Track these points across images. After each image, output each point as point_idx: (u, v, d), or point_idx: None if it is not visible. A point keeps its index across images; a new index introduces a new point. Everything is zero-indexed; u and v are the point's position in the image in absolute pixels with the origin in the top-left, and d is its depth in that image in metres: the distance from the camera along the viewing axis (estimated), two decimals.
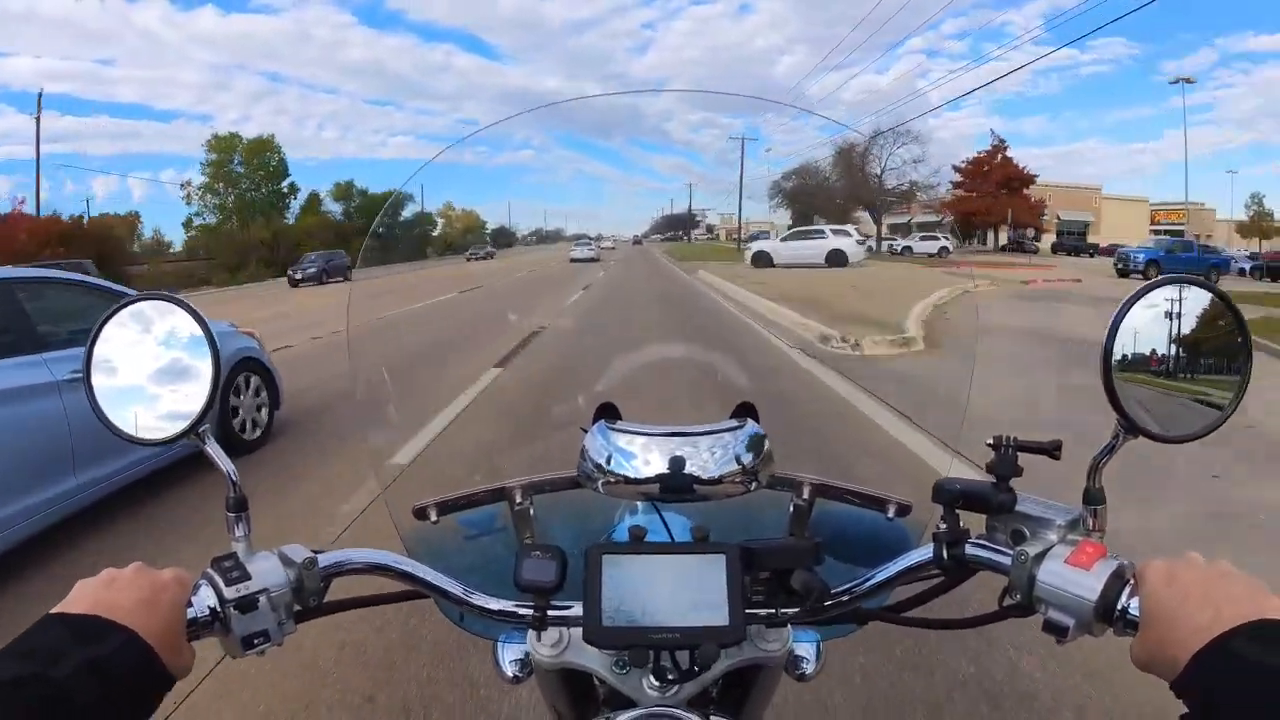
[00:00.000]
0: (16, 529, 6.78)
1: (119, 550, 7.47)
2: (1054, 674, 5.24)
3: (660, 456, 1.56)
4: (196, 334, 1.49)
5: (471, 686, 5.16)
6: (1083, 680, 5.20)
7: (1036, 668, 5.29)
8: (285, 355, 18.52)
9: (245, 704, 5.09)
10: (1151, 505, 8.00)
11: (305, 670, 5.41)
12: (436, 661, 5.48)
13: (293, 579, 1.40)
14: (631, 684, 1.51)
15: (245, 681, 5.23)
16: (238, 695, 5.12)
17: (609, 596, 1.39)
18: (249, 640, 1.34)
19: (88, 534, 7.87)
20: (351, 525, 7.96)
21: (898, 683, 5.15)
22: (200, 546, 7.13)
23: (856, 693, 5.01)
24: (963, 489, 1.44)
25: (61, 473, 7.23)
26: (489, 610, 1.52)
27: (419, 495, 1.82)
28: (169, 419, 1.48)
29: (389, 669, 5.45)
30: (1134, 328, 1.47)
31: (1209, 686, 1.09)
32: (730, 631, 1.37)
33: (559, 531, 1.83)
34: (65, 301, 8.61)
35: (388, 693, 5.23)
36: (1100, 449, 1.43)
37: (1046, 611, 1.29)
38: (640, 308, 7.85)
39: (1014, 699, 5.02)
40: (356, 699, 5.17)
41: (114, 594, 1.21)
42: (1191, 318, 1.50)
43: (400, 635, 5.81)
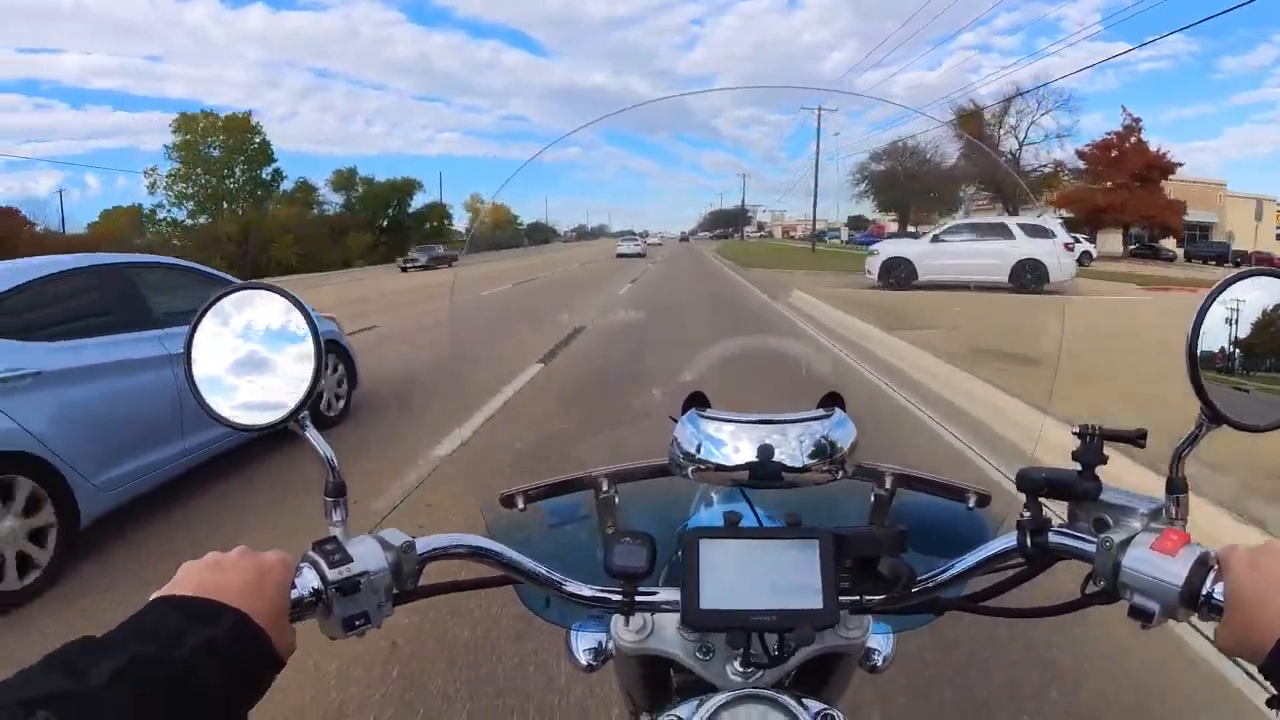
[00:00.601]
0: (131, 485, 6.86)
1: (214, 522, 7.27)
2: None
3: (749, 444, 1.43)
4: (299, 323, 1.37)
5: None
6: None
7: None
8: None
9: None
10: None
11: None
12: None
13: (392, 562, 1.27)
14: (714, 670, 1.38)
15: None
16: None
17: (706, 579, 1.27)
18: (350, 622, 1.21)
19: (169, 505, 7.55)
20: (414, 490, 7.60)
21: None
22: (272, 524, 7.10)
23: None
24: (1048, 477, 1.30)
25: (172, 437, 7.28)
26: (581, 596, 1.39)
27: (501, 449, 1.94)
28: (269, 405, 1.36)
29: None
30: (1221, 319, 1.30)
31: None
32: (825, 615, 1.25)
33: (638, 520, 1.69)
34: (173, 283, 8.60)
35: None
36: (1183, 439, 1.29)
37: (1132, 597, 1.17)
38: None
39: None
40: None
41: (221, 576, 1.09)
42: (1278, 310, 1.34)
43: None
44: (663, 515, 1.72)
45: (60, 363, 6.40)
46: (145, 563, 6.16)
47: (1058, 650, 4.61)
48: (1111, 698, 4.23)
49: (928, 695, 4.14)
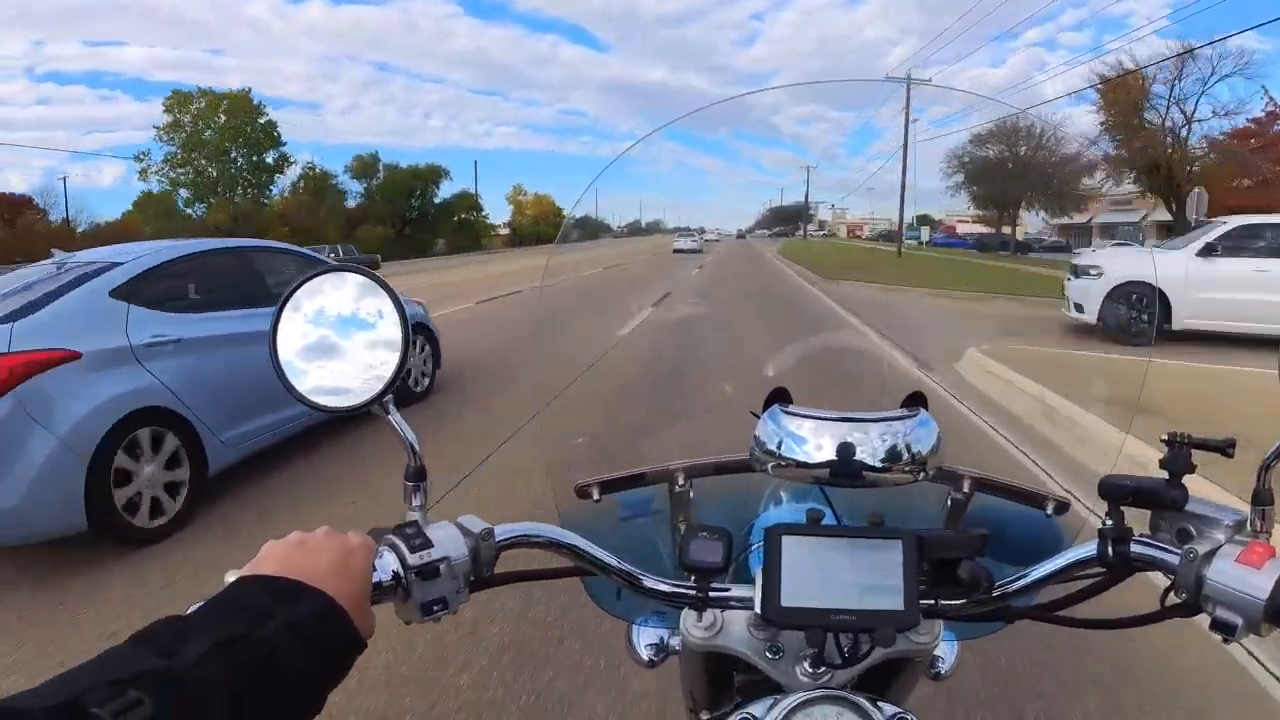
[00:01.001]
0: (250, 443, 7.13)
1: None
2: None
3: (831, 442, 1.26)
4: (386, 306, 1.23)
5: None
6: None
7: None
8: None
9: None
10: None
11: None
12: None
13: (470, 549, 1.14)
14: (783, 670, 1.23)
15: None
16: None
17: (788, 576, 1.12)
18: (428, 606, 1.09)
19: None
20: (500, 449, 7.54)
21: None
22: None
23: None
24: (1134, 485, 1.13)
25: (283, 405, 7.26)
26: (658, 591, 1.24)
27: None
28: (352, 388, 1.23)
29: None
30: None
31: None
32: (906, 617, 1.11)
33: (707, 515, 1.52)
34: (283, 265, 8.68)
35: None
36: (1271, 451, 1.12)
37: (1214, 610, 1.03)
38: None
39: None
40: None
41: (306, 556, 0.99)
42: None
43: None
44: (732, 511, 1.53)
45: (195, 332, 6.65)
46: (264, 520, 6.25)
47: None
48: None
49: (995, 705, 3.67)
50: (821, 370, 1.61)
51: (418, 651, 4.17)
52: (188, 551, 5.72)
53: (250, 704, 0.79)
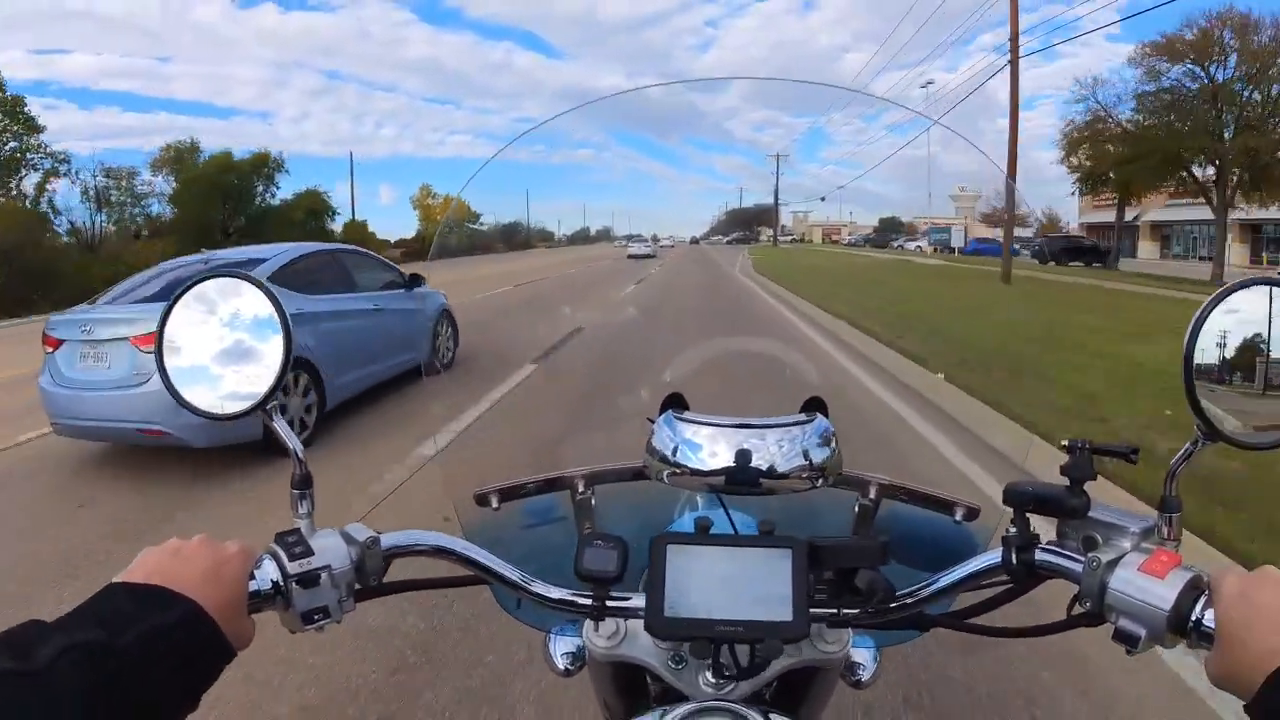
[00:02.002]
0: (350, 388, 7.31)
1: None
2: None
3: (727, 448, 0.94)
4: (270, 313, 0.91)
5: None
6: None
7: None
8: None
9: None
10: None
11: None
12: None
13: (355, 557, 0.86)
14: (687, 679, 0.91)
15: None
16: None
17: (672, 587, 0.83)
18: (309, 615, 0.82)
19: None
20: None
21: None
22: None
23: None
24: (1035, 492, 0.85)
25: (371, 360, 7.54)
26: (549, 599, 0.92)
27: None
28: (238, 394, 0.90)
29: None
30: (1218, 330, 0.85)
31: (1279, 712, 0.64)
32: (794, 627, 0.82)
33: (617, 523, 1.13)
34: (361, 262, 8.53)
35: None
36: (1177, 455, 0.84)
37: (1117, 620, 0.77)
38: None
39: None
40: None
41: (179, 564, 0.77)
42: (1275, 321, 0.85)
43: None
44: (645, 518, 1.14)
45: (314, 308, 6.90)
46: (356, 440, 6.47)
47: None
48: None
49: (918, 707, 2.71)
50: (721, 375, 1.22)
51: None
52: (314, 455, 5.99)
53: (105, 708, 0.63)
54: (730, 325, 5.89)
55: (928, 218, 50.86)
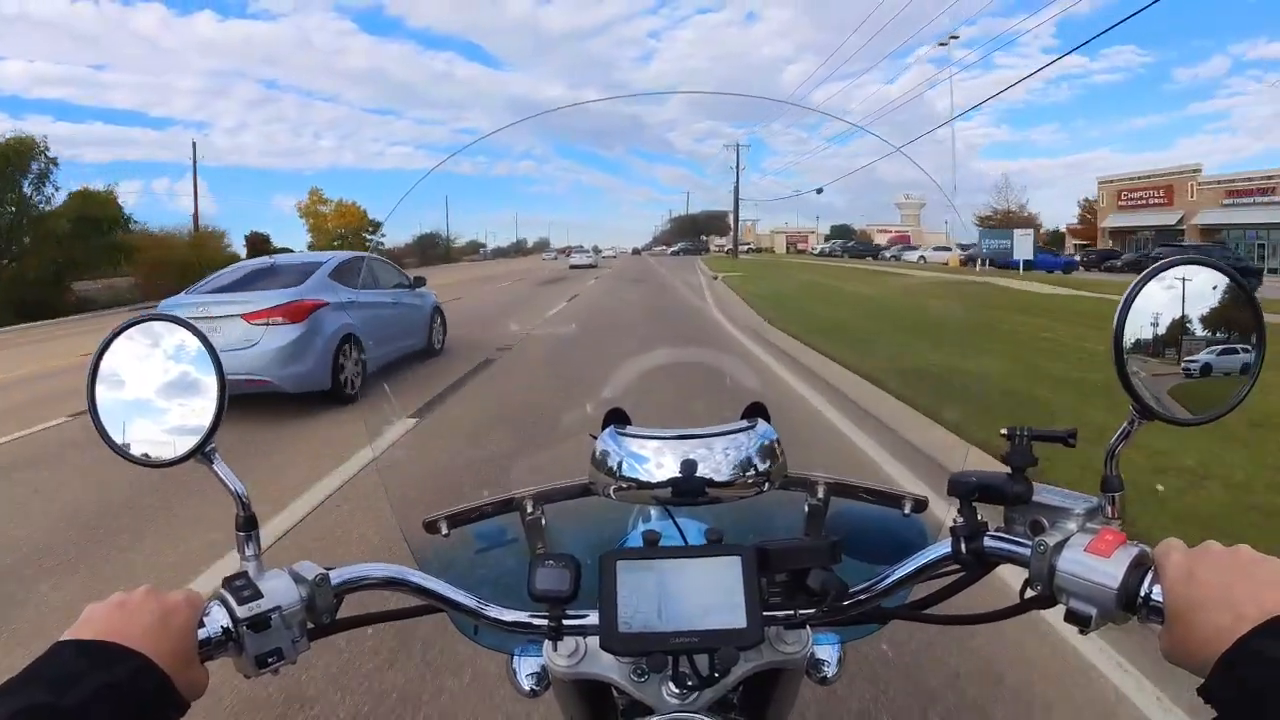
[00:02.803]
0: (381, 358, 7.30)
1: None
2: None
3: (672, 460, 0.76)
4: (202, 354, 0.71)
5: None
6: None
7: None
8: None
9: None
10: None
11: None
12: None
13: (305, 596, 0.67)
14: (650, 692, 0.73)
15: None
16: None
17: (624, 602, 0.67)
18: (262, 659, 0.64)
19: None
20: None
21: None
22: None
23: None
24: (978, 481, 0.70)
25: (389, 341, 7.46)
26: (504, 622, 0.74)
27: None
28: (175, 439, 0.71)
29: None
30: (1146, 311, 0.69)
31: (1235, 692, 0.48)
32: (748, 634, 0.65)
33: (572, 541, 0.92)
34: (382, 266, 8.41)
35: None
36: (1115, 435, 0.69)
37: (1068, 601, 0.63)
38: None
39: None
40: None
41: (125, 618, 0.59)
42: (1204, 299, 0.70)
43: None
44: (599, 534, 0.94)
45: (357, 298, 7.13)
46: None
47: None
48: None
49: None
50: (661, 388, 0.98)
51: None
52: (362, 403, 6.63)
53: None
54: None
55: (883, 225, 43.04)
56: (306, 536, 3.48)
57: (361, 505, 3.79)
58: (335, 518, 3.71)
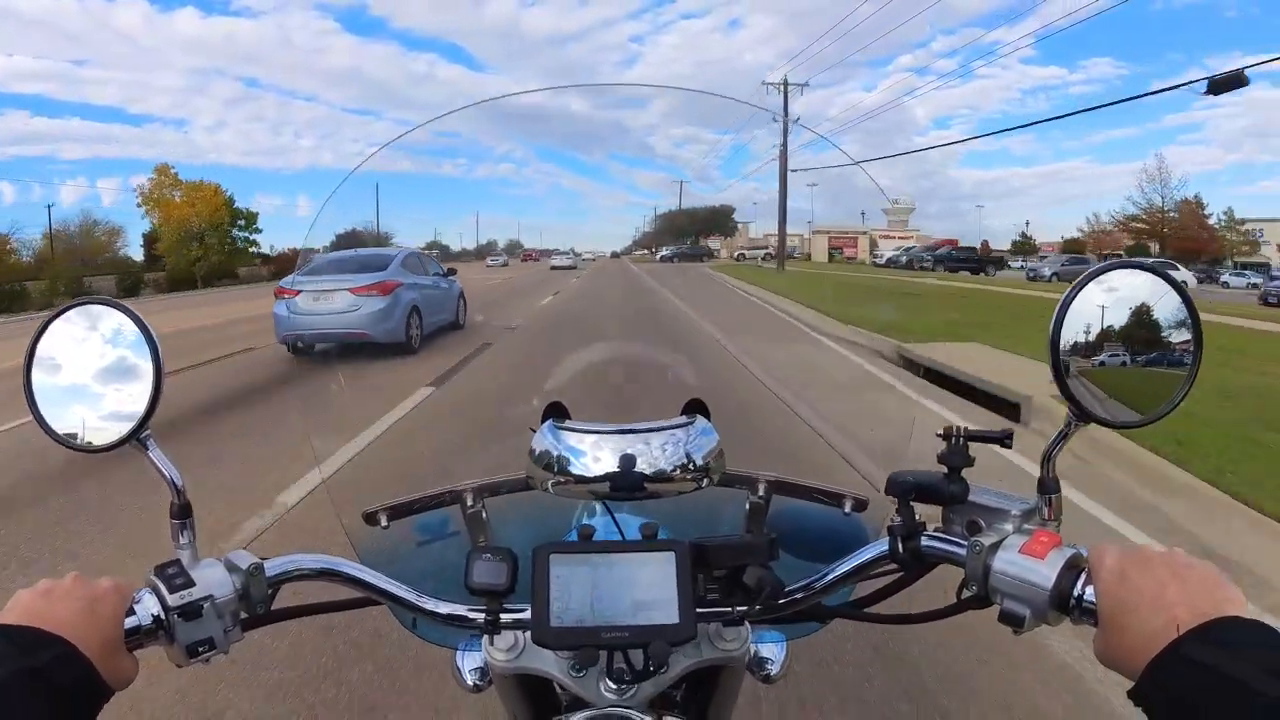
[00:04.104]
0: (428, 327, 7.03)
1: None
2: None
3: (610, 455, 0.54)
4: (138, 339, 0.48)
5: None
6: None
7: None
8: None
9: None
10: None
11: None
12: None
13: (239, 586, 0.47)
14: (589, 687, 0.51)
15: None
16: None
17: (557, 597, 0.46)
18: (193, 648, 0.44)
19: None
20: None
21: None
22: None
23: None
24: (915, 481, 0.50)
25: (437, 313, 6.89)
26: (439, 615, 0.52)
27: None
28: (110, 424, 0.48)
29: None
30: (1083, 314, 0.49)
31: (1165, 696, 0.33)
32: (680, 629, 0.45)
33: (514, 534, 0.66)
34: (424, 258, 7.53)
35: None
36: (1052, 438, 0.49)
37: (1003, 602, 0.44)
38: None
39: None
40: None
41: (51, 604, 0.41)
42: (1142, 304, 0.49)
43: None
44: (539, 528, 0.68)
45: (417, 281, 6.82)
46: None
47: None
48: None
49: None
50: (603, 382, 0.71)
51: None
52: (424, 354, 6.01)
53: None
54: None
55: (839, 227, 31.61)
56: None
57: (424, 420, 3.96)
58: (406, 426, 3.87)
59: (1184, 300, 0.48)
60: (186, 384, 5.45)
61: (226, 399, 5.20)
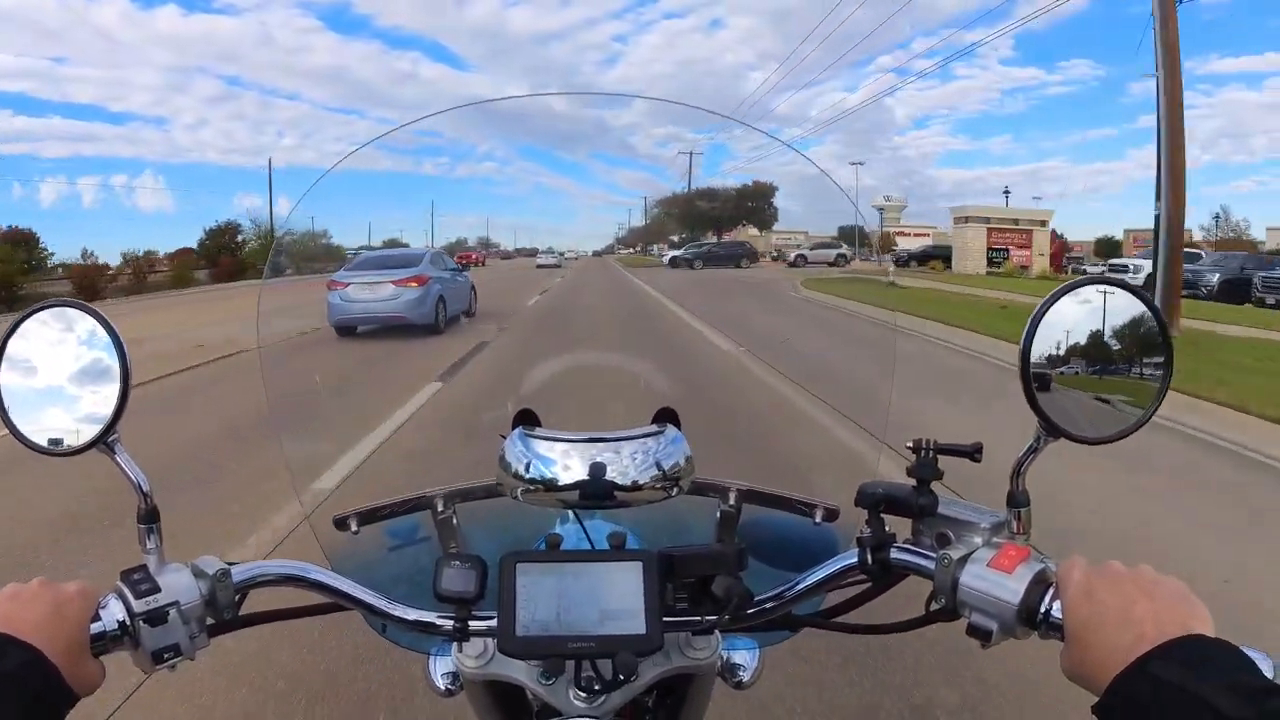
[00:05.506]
0: (451, 314, 7.29)
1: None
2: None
3: (580, 463, 0.44)
4: (106, 342, 0.40)
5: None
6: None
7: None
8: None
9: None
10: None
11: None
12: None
13: (205, 591, 0.39)
14: (558, 695, 0.43)
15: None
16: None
17: (523, 605, 0.38)
18: (159, 654, 0.37)
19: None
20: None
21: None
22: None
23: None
24: (885, 492, 0.42)
25: (455, 303, 7.51)
26: (408, 621, 0.43)
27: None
28: (79, 427, 0.40)
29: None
30: (1055, 330, 0.41)
31: (1130, 712, 0.28)
32: (647, 640, 0.38)
33: (484, 541, 0.54)
34: (442, 255, 8.41)
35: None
36: (1022, 451, 0.40)
37: (970, 615, 0.37)
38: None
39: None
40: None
41: (16, 609, 0.33)
42: (1112, 319, 0.41)
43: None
44: (510, 536, 0.56)
45: (441, 275, 7.00)
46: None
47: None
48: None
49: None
50: (573, 391, 0.60)
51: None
52: (452, 333, 5.84)
53: None
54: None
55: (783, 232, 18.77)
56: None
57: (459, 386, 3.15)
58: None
59: (1155, 317, 0.42)
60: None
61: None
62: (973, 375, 3.45)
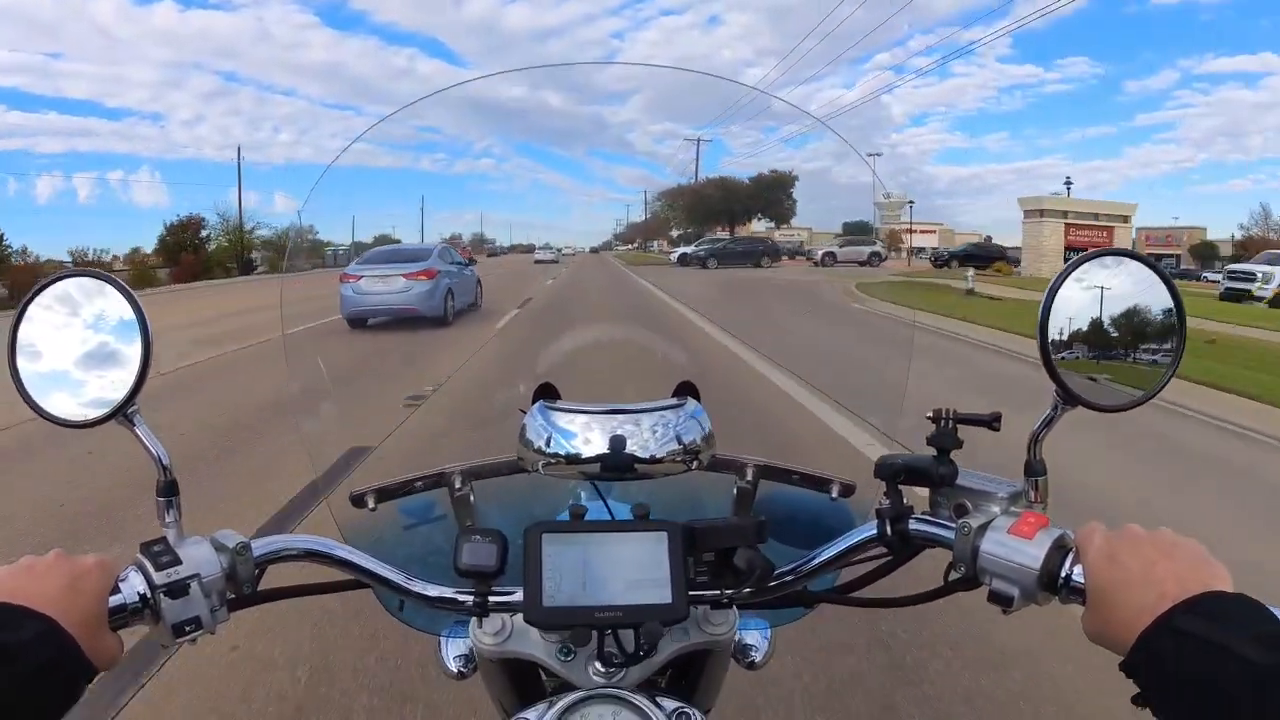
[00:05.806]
0: (459, 307, 7.23)
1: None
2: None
3: (601, 436, 0.43)
4: (128, 314, 0.38)
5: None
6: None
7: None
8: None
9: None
10: None
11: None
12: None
13: (226, 565, 0.37)
14: (577, 670, 0.41)
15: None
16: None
17: (549, 576, 0.37)
18: (180, 628, 0.35)
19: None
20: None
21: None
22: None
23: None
24: (904, 463, 0.40)
25: (462, 296, 7.51)
26: (428, 597, 0.41)
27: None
28: (98, 398, 0.38)
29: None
30: (1072, 300, 0.39)
31: (1156, 667, 0.28)
32: (673, 609, 0.36)
33: (502, 517, 0.52)
34: (450, 250, 8.36)
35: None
36: (1039, 421, 0.39)
37: (991, 583, 0.35)
38: None
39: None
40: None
41: (33, 581, 0.31)
42: (1128, 291, 0.40)
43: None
44: (527, 511, 0.52)
45: (449, 268, 6.97)
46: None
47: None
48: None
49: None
50: (593, 364, 0.58)
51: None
52: (461, 324, 5.75)
53: None
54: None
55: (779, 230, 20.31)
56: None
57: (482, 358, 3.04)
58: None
59: (1168, 287, 0.41)
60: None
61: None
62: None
